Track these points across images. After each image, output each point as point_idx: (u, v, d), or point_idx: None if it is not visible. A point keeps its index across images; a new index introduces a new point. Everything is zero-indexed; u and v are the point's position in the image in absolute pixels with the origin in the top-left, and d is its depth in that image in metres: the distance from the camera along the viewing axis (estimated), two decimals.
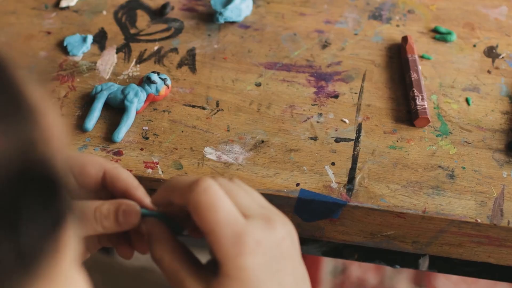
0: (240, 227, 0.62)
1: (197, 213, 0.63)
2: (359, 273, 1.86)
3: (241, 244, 0.62)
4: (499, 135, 0.94)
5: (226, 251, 0.62)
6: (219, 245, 0.62)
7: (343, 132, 0.93)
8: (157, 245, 0.67)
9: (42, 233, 0.39)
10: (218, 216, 0.63)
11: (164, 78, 0.94)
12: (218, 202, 0.63)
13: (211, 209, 0.63)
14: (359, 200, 0.86)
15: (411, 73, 0.97)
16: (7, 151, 0.38)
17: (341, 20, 1.06)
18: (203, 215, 0.63)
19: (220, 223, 0.62)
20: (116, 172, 0.72)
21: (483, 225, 0.86)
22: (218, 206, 0.63)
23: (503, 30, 1.06)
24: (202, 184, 0.64)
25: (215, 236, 0.62)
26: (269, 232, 0.64)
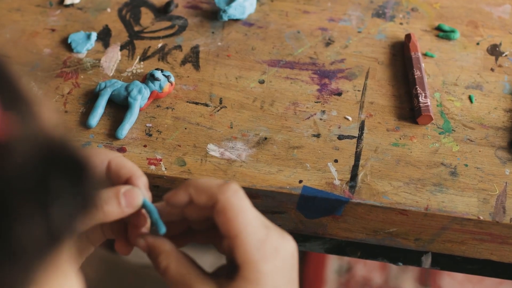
0: (264, 234, 0.65)
1: (227, 214, 0.65)
2: (364, 272, 1.86)
3: (263, 250, 0.65)
4: (502, 132, 0.94)
5: (250, 255, 0.65)
6: (244, 248, 0.65)
7: (346, 130, 0.93)
8: (161, 256, 0.68)
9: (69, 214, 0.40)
10: (247, 219, 0.65)
11: (168, 75, 0.95)
12: (248, 205, 0.66)
13: (241, 211, 0.65)
14: (362, 197, 0.87)
15: (414, 71, 0.97)
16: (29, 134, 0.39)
17: (345, 18, 1.06)
18: (232, 216, 0.65)
19: (248, 226, 0.65)
20: (121, 160, 0.72)
21: (486, 222, 0.86)
22: (248, 210, 0.66)
23: (507, 28, 1.06)
24: (233, 186, 0.66)
25: (241, 239, 0.65)
26: (285, 243, 0.67)
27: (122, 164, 0.72)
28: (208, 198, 0.66)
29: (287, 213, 0.89)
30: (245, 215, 0.65)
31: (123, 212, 0.68)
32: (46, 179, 0.39)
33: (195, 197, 0.68)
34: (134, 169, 0.71)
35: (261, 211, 0.89)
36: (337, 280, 1.84)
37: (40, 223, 0.39)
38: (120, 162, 0.72)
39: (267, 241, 0.65)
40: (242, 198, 0.66)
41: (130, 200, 0.68)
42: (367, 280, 1.85)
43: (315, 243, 0.94)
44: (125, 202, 0.68)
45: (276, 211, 0.89)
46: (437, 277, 1.85)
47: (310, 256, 1.85)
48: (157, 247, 0.69)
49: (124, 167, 0.71)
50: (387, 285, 1.84)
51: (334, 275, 1.85)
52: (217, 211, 0.66)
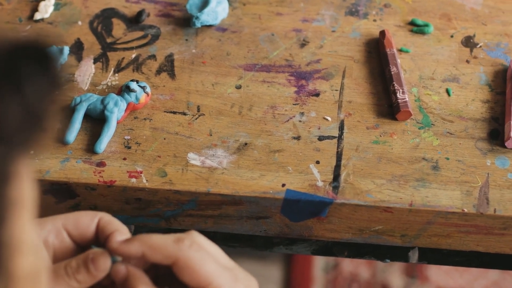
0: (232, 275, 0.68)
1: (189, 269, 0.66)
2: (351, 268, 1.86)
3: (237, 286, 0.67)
4: (481, 124, 0.94)
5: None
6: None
7: (326, 130, 0.93)
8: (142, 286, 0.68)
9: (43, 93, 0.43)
10: (212, 268, 0.67)
11: (144, 86, 0.94)
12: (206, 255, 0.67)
13: (203, 263, 0.66)
14: (346, 197, 0.86)
15: (391, 67, 0.97)
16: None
17: (318, 18, 1.06)
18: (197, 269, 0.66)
19: (215, 273, 0.66)
20: (109, 218, 0.73)
21: (470, 214, 0.86)
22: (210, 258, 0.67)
23: (480, 19, 1.06)
24: (188, 240, 0.67)
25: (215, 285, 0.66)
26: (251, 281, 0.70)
27: (110, 220, 0.72)
28: (164, 258, 0.67)
29: (271, 217, 0.88)
30: (209, 264, 0.67)
31: (94, 277, 0.68)
32: (17, 66, 0.42)
33: (149, 256, 0.68)
34: (120, 225, 0.72)
35: (245, 217, 0.89)
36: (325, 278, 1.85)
37: (18, 102, 0.41)
38: (108, 220, 0.73)
39: (237, 281, 0.67)
40: (201, 247, 0.67)
41: (98, 265, 0.68)
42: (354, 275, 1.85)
43: (301, 246, 0.94)
44: (93, 267, 0.68)
45: (260, 216, 0.88)
46: (424, 268, 1.86)
47: (296, 256, 1.85)
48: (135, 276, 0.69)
49: (111, 223, 0.72)
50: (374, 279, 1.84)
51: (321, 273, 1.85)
52: (179, 268, 0.67)
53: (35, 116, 0.42)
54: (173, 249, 0.67)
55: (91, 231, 0.72)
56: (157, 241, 0.68)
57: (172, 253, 0.66)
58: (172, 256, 0.66)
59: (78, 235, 0.72)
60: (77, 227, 0.72)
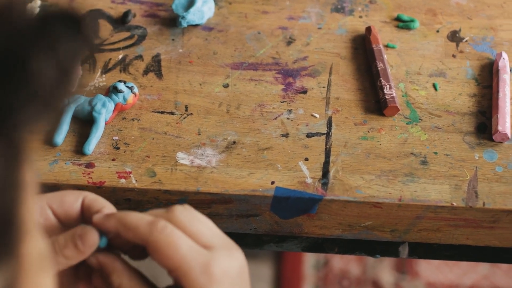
0: (205, 258, 0.66)
1: (160, 253, 0.66)
2: (342, 264, 1.86)
3: (209, 273, 0.65)
4: (468, 118, 0.95)
5: (195, 282, 0.65)
6: (188, 278, 0.65)
7: (314, 127, 0.93)
8: (114, 275, 0.68)
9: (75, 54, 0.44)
10: (181, 253, 0.65)
11: (131, 86, 0.94)
12: (177, 239, 0.66)
13: (173, 247, 0.65)
14: (335, 193, 0.87)
15: (377, 63, 0.98)
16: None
17: (304, 15, 1.06)
18: (166, 254, 0.65)
19: (185, 258, 0.65)
20: (95, 197, 0.72)
21: (459, 208, 0.86)
22: (179, 243, 0.66)
23: (465, 14, 1.06)
24: (159, 225, 0.66)
25: (182, 270, 0.65)
26: (232, 260, 0.67)
27: (95, 199, 0.72)
28: (136, 238, 0.67)
29: (261, 215, 0.89)
30: (178, 248, 0.66)
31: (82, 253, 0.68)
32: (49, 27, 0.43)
33: (122, 233, 0.68)
34: (105, 203, 0.72)
35: (235, 216, 0.89)
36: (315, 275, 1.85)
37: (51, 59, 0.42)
38: (93, 198, 0.72)
39: (210, 263, 0.66)
40: (171, 233, 0.66)
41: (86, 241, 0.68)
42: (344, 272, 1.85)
43: (291, 243, 0.94)
44: (81, 243, 0.68)
45: (250, 214, 0.89)
46: (414, 263, 1.86)
47: (286, 254, 1.85)
48: (109, 265, 0.69)
49: (96, 201, 0.72)
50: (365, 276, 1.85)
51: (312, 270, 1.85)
52: (150, 252, 0.67)
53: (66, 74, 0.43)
54: (144, 231, 0.66)
55: (76, 210, 0.72)
56: (131, 221, 0.67)
57: (143, 236, 0.66)
58: (143, 239, 0.66)
59: (63, 213, 0.71)
60: (62, 205, 0.71)
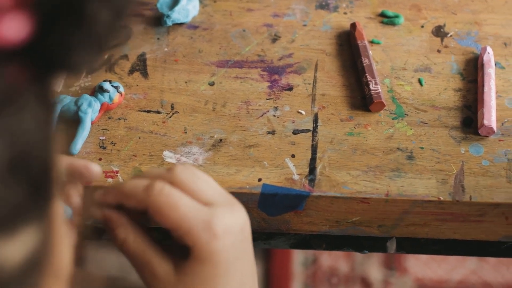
0: (207, 215, 0.67)
1: (160, 214, 0.67)
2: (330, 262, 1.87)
3: (211, 230, 0.67)
4: (454, 112, 0.95)
5: (198, 238, 0.67)
6: (191, 235, 0.67)
7: (300, 124, 0.93)
8: (120, 229, 0.70)
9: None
10: (181, 212, 0.67)
11: (117, 85, 0.94)
12: (176, 199, 0.67)
13: (173, 208, 0.67)
14: (322, 190, 0.87)
15: (363, 59, 0.98)
16: None
17: (289, 12, 1.06)
18: (166, 215, 0.67)
19: (185, 216, 0.67)
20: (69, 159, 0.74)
21: (446, 202, 0.87)
22: (178, 204, 0.67)
23: (449, 9, 1.07)
24: (156, 187, 0.67)
25: (184, 229, 0.67)
26: (234, 217, 0.69)
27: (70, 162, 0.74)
28: (137, 203, 0.69)
29: (249, 212, 0.88)
30: (178, 207, 0.67)
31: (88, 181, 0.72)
32: None
33: (125, 202, 0.70)
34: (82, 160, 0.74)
35: None
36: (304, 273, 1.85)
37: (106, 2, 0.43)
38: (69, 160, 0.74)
39: (212, 220, 0.67)
40: (170, 194, 0.67)
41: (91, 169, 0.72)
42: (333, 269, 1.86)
43: (279, 240, 0.94)
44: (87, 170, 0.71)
45: None
46: (402, 260, 1.87)
47: (275, 252, 1.85)
48: (115, 219, 0.70)
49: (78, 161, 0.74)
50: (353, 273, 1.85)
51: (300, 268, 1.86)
52: (151, 213, 0.68)
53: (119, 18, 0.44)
54: (142, 196, 0.68)
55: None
56: (129, 189, 0.69)
57: (142, 200, 0.68)
58: (143, 203, 0.68)
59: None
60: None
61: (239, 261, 0.70)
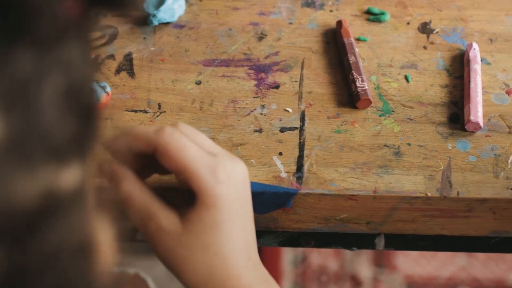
0: (212, 162, 0.70)
1: (169, 155, 0.70)
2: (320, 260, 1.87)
3: (216, 175, 0.70)
4: (441, 108, 0.95)
5: (204, 181, 0.69)
6: (197, 177, 0.69)
7: (287, 122, 0.93)
8: (124, 182, 0.71)
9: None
10: (190, 154, 0.70)
11: (103, 85, 0.94)
12: (185, 142, 0.70)
13: (181, 149, 0.70)
14: (310, 187, 0.87)
15: (349, 56, 0.98)
16: None
17: (275, 10, 1.06)
18: (174, 155, 0.69)
19: (194, 158, 0.69)
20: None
21: (434, 198, 0.87)
22: (187, 146, 0.70)
23: (435, 5, 1.07)
24: (167, 130, 0.71)
25: (191, 170, 0.69)
26: (236, 167, 0.72)
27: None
28: (146, 145, 0.71)
29: None
30: (187, 150, 0.70)
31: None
32: None
33: (133, 146, 0.72)
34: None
35: None
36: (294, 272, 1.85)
37: None
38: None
39: (218, 167, 0.70)
40: (180, 137, 0.70)
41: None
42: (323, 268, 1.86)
43: (268, 238, 0.94)
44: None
45: None
46: (392, 257, 1.87)
47: (264, 251, 1.85)
48: (120, 173, 0.72)
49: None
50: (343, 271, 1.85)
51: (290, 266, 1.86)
52: (159, 155, 0.70)
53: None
54: (153, 136, 0.70)
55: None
56: (139, 131, 0.72)
57: (152, 141, 0.70)
58: (153, 144, 0.70)
59: None
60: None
61: (242, 208, 0.72)
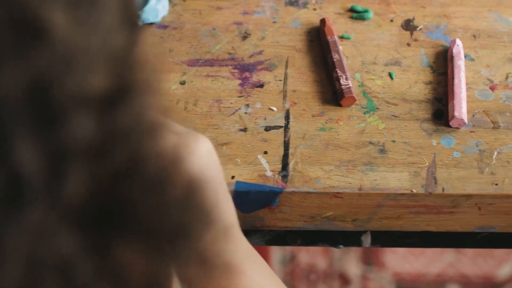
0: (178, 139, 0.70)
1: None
2: (308, 259, 1.87)
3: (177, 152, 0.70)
4: (425, 105, 0.95)
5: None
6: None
7: (272, 120, 0.93)
8: None
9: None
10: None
11: None
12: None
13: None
14: (295, 185, 0.87)
15: (333, 54, 0.98)
16: None
17: (258, 9, 1.06)
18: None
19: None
20: None
21: (419, 194, 0.87)
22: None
23: (418, 2, 1.07)
24: None
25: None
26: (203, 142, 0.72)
27: None
28: None
29: None
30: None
31: None
32: None
33: None
34: None
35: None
36: (282, 270, 1.85)
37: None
38: None
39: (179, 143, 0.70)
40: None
41: None
42: (311, 266, 1.86)
43: (254, 237, 0.94)
44: None
45: None
46: (380, 254, 1.87)
47: None
48: None
49: None
50: (331, 269, 1.86)
51: (278, 265, 1.86)
52: None
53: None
54: None
55: None
56: None
57: None
58: None
59: None
60: None
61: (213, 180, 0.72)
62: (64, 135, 0.42)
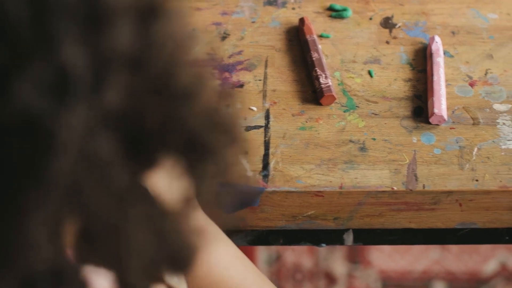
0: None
1: None
2: (293, 258, 1.87)
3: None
4: (405, 102, 0.95)
5: None
6: None
7: (252, 120, 0.93)
8: None
9: None
10: None
11: None
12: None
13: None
14: (276, 185, 0.87)
15: (312, 53, 0.98)
16: None
17: (237, 10, 1.06)
18: None
19: None
20: None
21: (400, 192, 0.87)
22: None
23: (397, 0, 1.07)
24: None
25: None
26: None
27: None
28: None
29: None
30: None
31: None
32: None
33: None
34: None
35: None
36: (268, 270, 1.85)
37: None
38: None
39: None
40: None
41: None
42: (297, 266, 1.86)
43: (237, 237, 0.94)
44: None
45: None
46: (366, 252, 1.87)
47: None
48: None
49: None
50: (317, 268, 1.86)
51: (264, 265, 1.86)
52: None
53: None
54: None
55: None
56: None
57: None
58: None
59: None
60: None
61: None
62: (109, 41, 0.44)
